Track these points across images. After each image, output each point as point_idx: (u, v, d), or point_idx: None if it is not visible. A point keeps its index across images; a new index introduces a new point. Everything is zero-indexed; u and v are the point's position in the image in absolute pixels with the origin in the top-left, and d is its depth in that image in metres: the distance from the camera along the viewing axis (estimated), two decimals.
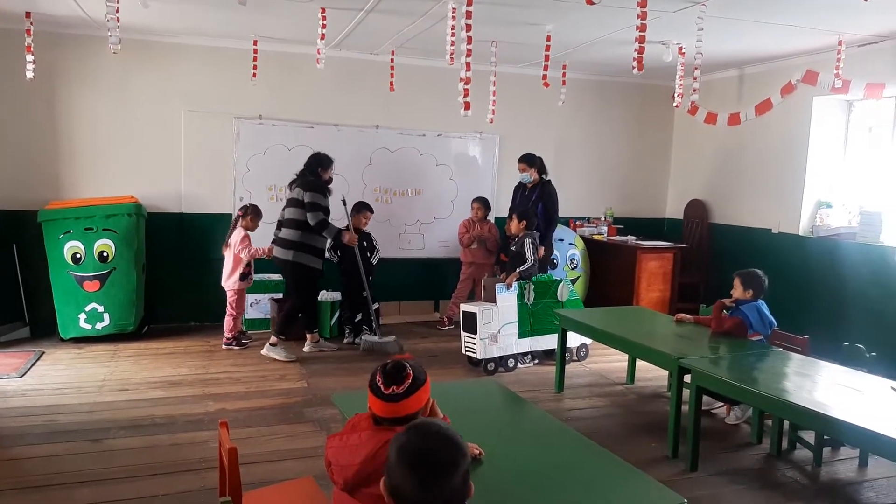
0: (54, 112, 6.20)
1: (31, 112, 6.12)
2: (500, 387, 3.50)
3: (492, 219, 7.08)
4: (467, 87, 4.44)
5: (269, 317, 6.58)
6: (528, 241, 5.81)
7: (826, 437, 3.99)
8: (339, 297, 6.48)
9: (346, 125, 7.00)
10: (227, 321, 6.02)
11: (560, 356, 5.17)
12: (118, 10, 4.27)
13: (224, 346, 5.99)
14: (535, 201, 6.36)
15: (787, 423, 4.16)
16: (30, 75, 5.46)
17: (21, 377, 5.05)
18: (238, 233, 5.90)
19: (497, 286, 5.63)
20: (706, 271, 7.52)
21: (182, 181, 6.56)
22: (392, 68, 6.36)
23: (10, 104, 6.04)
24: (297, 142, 6.84)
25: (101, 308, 5.92)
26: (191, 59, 6.49)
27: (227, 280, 5.97)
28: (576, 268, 7.26)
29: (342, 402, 3.00)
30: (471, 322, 5.56)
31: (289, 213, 5.69)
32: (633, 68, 4.25)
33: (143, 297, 6.20)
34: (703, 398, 3.94)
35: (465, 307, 5.67)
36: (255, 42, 6.05)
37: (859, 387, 3.46)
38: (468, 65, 4.42)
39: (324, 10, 4.99)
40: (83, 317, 5.90)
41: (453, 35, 4.51)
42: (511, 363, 5.72)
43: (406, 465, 1.44)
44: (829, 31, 5.26)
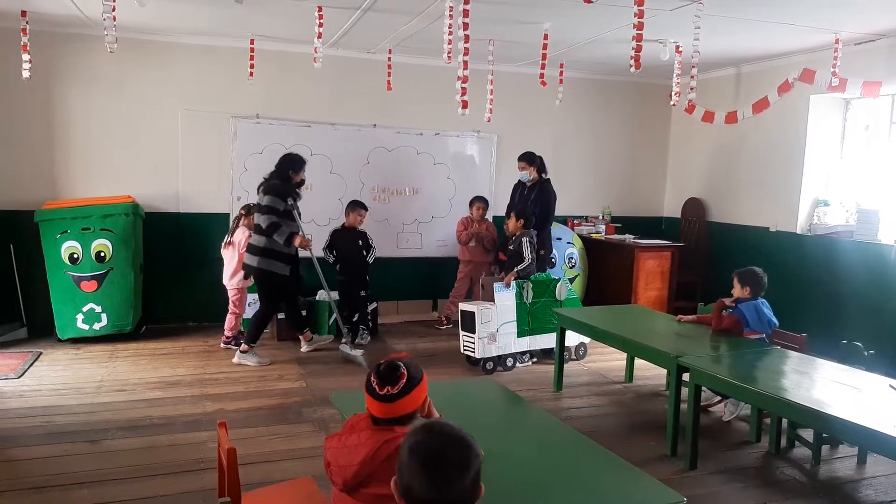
0: (51, 112, 6.18)
1: (28, 112, 6.10)
2: (499, 386, 3.50)
3: (490, 217, 7.08)
4: (465, 85, 4.44)
5: None
6: (525, 240, 5.81)
7: (824, 436, 3.99)
8: (337, 297, 6.47)
9: (343, 124, 6.99)
10: (230, 319, 6.01)
11: (559, 355, 5.17)
12: (114, 9, 4.26)
13: (223, 345, 5.98)
14: (534, 200, 6.35)
15: (785, 422, 4.17)
16: (26, 75, 5.46)
17: (19, 378, 5.03)
18: (241, 232, 5.88)
19: (495, 285, 5.63)
20: (704, 270, 7.52)
21: (179, 181, 6.54)
22: (389, 67, 6.35)
23: (7, 104, 6.02)
24: (294, 141, 6.82)
25: (98, 308, 5.91)
26: (188, 57, 6.47)
27: (231, 279, 5.96)
28: (574, 266, 7.26)
29: (340, 401, 3.00)
30: (469, 321, 5.55)
31: (256, 219, 5.56)
32: (631, 67, 4.24)
33: (140, 298, 6.18)
34: (703, 392, 3.94)
35: (463, 306, 5.66)
36: (252, 41, 6.04)
37: (857, 385, 3.46)
38: (465, 63, 4.42)
39: (321, 9, 4.98)
40: (81, 317, 5.89)
41: (451, 34, 4.50)
42: (510, 362, 5.72)
43: (419, 464, 1.43)
44: (826, 29, 5.26)
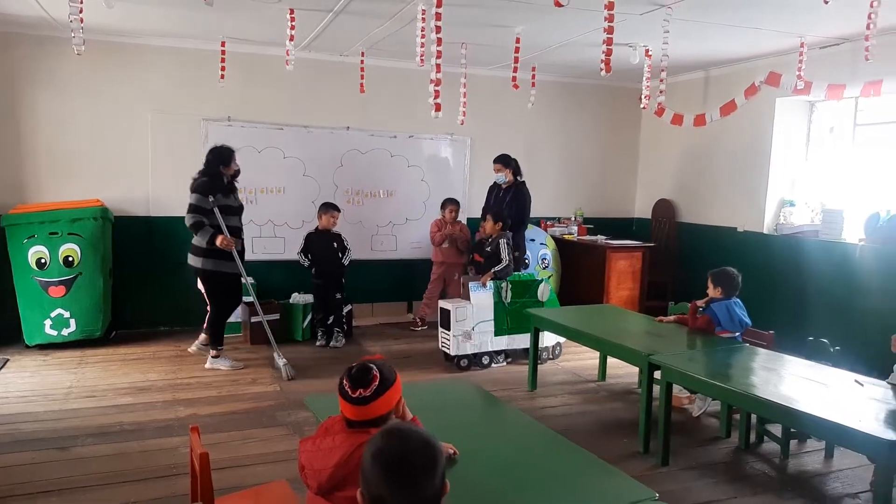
0: (17, 115, 6.06)
1: None
2: (474, 386, 3.52)
3: (463, 219, 7.10)
4: (438, 88, 4.45)
5: (240, 320, 6.51)
6: (503, 242, 5.87)
7: (793, 430, 4.08)
8: (311, 300, 6.44)
9: (316, 127, 6.97)
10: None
11: (533, 355, 5.21)
12: (81, 11, 4.20)
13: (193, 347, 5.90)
14: (510, 202, 6.39)
15: (754, 417, 4.24)
16: None
17: None
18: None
19: (471, 284, 5.70)
20: (674, 269, 7.63)
21: (150, 184, 6.46)
22: (362, 70, 6.35)
23: None
24: (266, 144, 6.79)
25: (66, 314, 5.81)
26: (157, 60, 6.40)
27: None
28: (547, 267, 7.32)
29: (315, 404, 2.99)
30: (445, 319, 5.64)
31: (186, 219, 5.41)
32: (602, 70, 4.29)
33: (110, 302, 6.10)
34: (675, 389, 4.00)
35: (441, 303, 5.76)
36: (223, 43, 5.99)
37: (824, 380, 3.54)
38: (438, 66, 4.44)
39: (292, 12, 4.96)
40: (49, 323, 5.79)
41: (423, 37, 4.52)
42: (486, 360, 5.77)
43: (385, 471, 1.42)
44: (792, 33, 5.38)
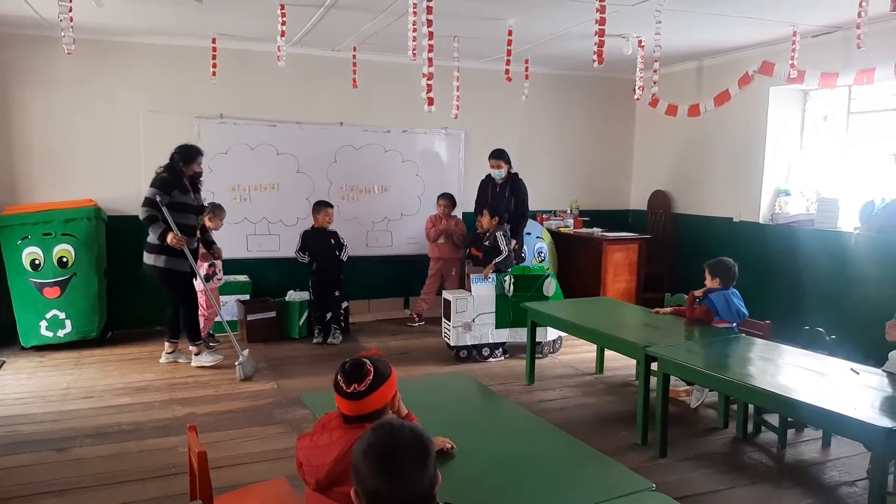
0: (8, 115, 6.03)
1: None
2: (472, 380, 3.52)
3: (458, 214, 7.09)
4: (430, 82, 4.44)
5: (236, 318, 6.50)
6: (500, 234, 5.92)
7: (790, 420, 4.09)
8: (307, 298, 6.43)
9: (309, 123, 6.95)
10: (201, 322, 5.93)
11: (530, 348, 5.22)
12: (71, 10, 4.17)
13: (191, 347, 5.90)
14: (509, 196, 6.41)
15: (752, 407, 4.25)
16: None
17: None
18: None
19: (472, 276, 5.74)
20: (670, 261, 7.64)
21: (143, 183, 6.36)
22: (354, 65, 6.32)
23: None
24: (259, 140, 6.77)
25: (62, 315, 5.80)
26: (148, 58, 6.37)
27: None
28: (543, 260, 7.32)
29: (312, 401, 2.99)
30: (447, 309, 5.72)
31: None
32: (594, 62, 4.28)
33: (105, 303, 6.08)
34: (673, 381, 4.01)
35: (445, 294, 5.84)
36: (214, 40, 5.96)
37: (821, 369, 3.55)
38: (430, 60, 4.42)
39: (283, 7, 4.93)
40: (44, 324, 5.77)
41: (415, 31, 4.50)
42: (485, 352, 5.80)
43: (378, 465, 1.42)
44: (784, 22, 5.37)
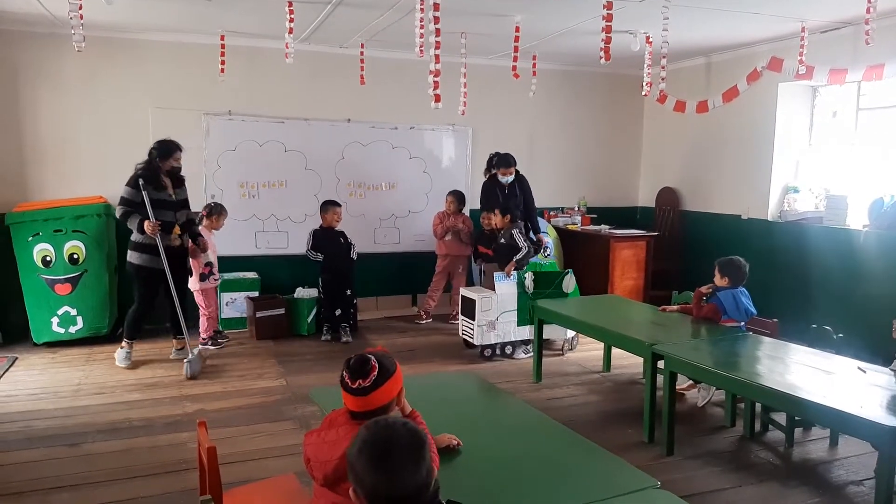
0: (19, 112, 6.08)
1: None
2: (478, 378, 3.53)
3: (466, 211, 7.10)
4: (437, 79, 4.44)
5: (244, 315, 6.54)
6: (515, 232, 5.93)
7: (797, 419, 4.09)
8: (316, 295, 6.46)
9: (316, 119, 6.97)
10: (201, 321, 5.98)
11: (537, 346, 5.22)
12: (81, 7, 4.21)
13: (200, 345, 5.94)
14: (520, 195, 6.48)
15: (759, 406, 4.25)
16: None
17: None
18: (202, 233, 5.84)
19: (496, 275, 5.74)
20: (679, 258, 7.62)
21: None
22: (362, 61, 6.34)
23: None
24: (267, 137, 6.80)
25: (73, 311, 5.85)
26: (157, 55, 6.40)
27: (190, 282, 5.90)
28: (548, 256, 7.31)
29: (320, 397, 3.01)
30: (470, 308, 5.70)
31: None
32: (601, 58, 4.28)
33: (116, 299, 6.12)
34: (680, 378, 4.01)
35: (465, 292, 5.84)
36: (223, 37, 5.99)
37: (828, 368, 3.54)
38: (437, 57, 4.42)
39: (291, 4, 4.95)
40: (56, 321, 5.82)
41: (422, 27, 4.51)
42: (508, 350, 5.83)
43: (375, 461, 1.44)
44: (792, 17, 5.35)
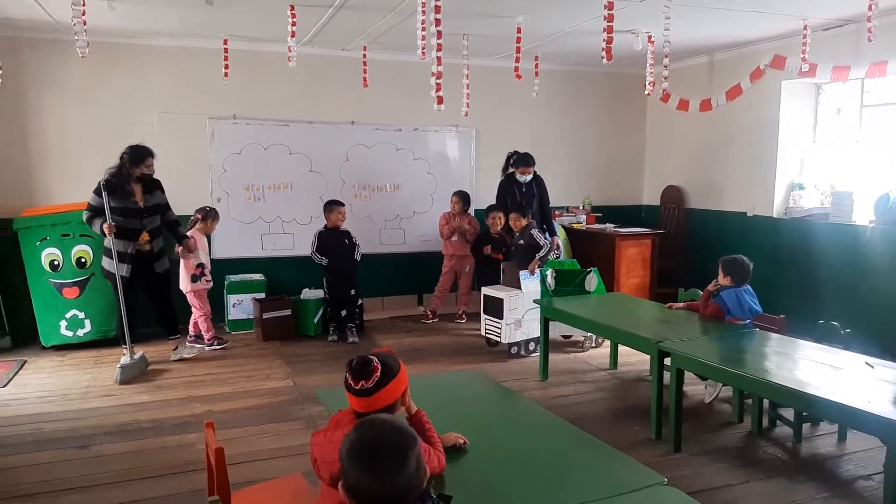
0: (24, 118, 6.13)
1: (1, 119, 6.05)
2: (484, 377, 3.54)
3: (471, 212, 7.11)
4: (439, 81, 4.45)
5: (251, 317, 6.56)
6: (534, 231, 6.01)
7: (805, 414, 4.08)
8: (322, 295, 6.48)
9: (320, 122, 6.99)
10: (200, 322, 6.01)
11: (544, 343, 5.23)
12: (84, 14, 4.23)
13: (206, 348, 5.97)
14: (537, 194, 6.55)
15: (766, 402, 4.24)
16: None
17: (4, 387, 5.00)
18: (193, 234, 5.90)
19: (521, 273, 5.80)
20: (684, 256, 7.62)
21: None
22: (365, 64, 6.35)
23: None
24: (272, 140, 6.83)
25: (81, 315, 5.89)
26: (161, 60, 6.44)
27: (181, 283, 5.95)
28: (558, 258, 7.30)
29: (327, 397, 3.02)
30: (497, 307, 5.77)
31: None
32: (603, 58, 4.28)
33: None
34: (688, 378, 4.01)
35: (489, 291, 5.89)
36: (225, 41, 6.01)
37: (835, 364, 3.53)
38: (439, 59, 4.43)
39: (293, 8, 4.97)
40: (64, 324, 5.86)
41: (424, 29, 4.52)
42: (532, 346, 5.87)
43: (358, 461, 1.46)
44: (795, 15, 5.35)
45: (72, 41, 4.63)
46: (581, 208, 8.05)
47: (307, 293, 6.56)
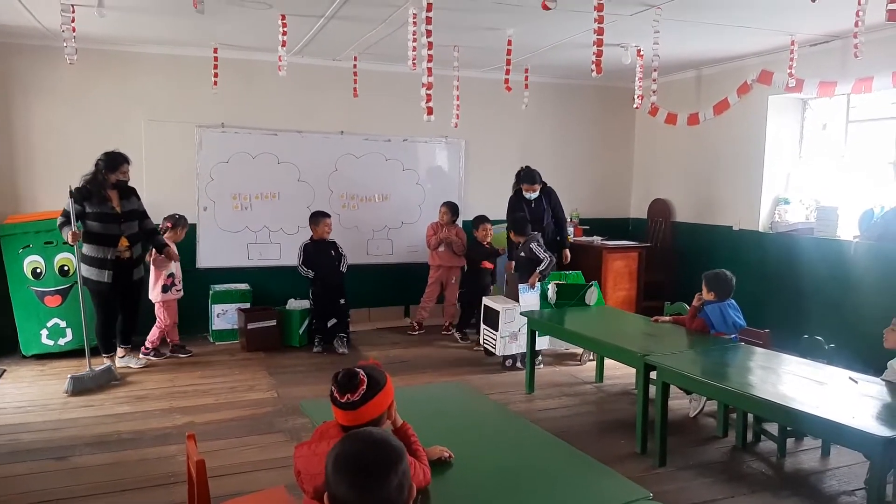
0: (11, 125, 6.07)
1: None
2: (470, 390, 3.52)
3: (459, 223, 7.11)
4: (429, 92, 4.46)
5: (236, 327, 6.51)
6: (534, 245, 5.99)
7: (789, 429, 4.09)
8: (308, 306, 6.44)
9: (310, 132, 6.98)
10: (168, 332, 5.95)
11: (530, 356, 5.22)
12: (73, 21, 4.21)
13: (142, 356, 5.86)
14: (547, 208, 6.60)
15: (751, 416, 4.25)
16: None
17: None
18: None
19: (520, 286, 5.79)
20: (671, 269, 7.64)
21: (144, 192, 6.38)
22: (355, 74, 6.35)
23: None
24: (260, 149, 6.80)
25: (63, 323, 5.81)
26: (150, 68, 6.41)
27: (151, 292, 5.89)
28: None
29: (311, 409, 2.99)
30: (493, 318, 5.77)
31: None
32: (593, 71, 4.31)
33: None
34: (673, 391, 4.01)
35: (488, 302, 5.91)
36: (216, 50, 5.99)
37: (820, 378, 3.55)
38: (430, 70, 4.44)
39: (284, 17, 4.97)
40: (45, 333, 5.79)
41: (415, 40, 4.53)
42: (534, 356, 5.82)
43: (342, 473, 1.45)
44: (782, 31, 5.40)
45: (60, 48, 4.61)
46: (569, 221, 8.05)
47: (293, 303, 6.52)
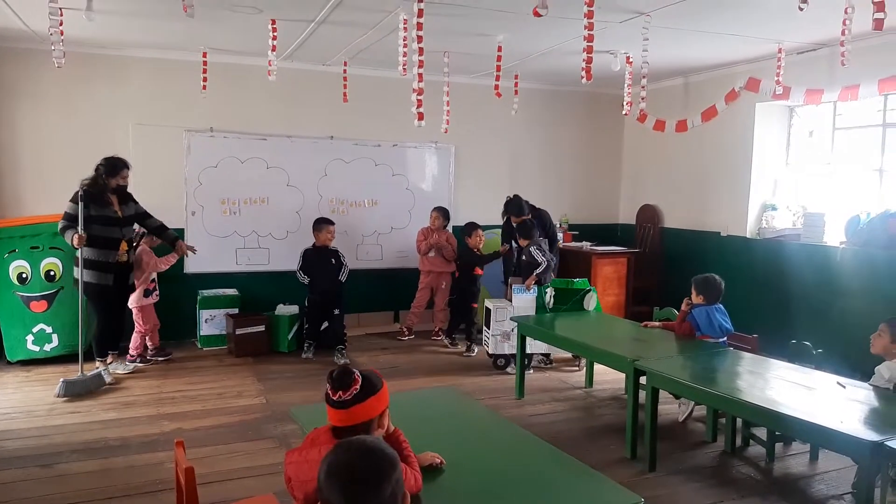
0: None
1: None
2: (460, 395, 3.52)
3: (450, 229, 7.11)
4: (420, 97, 4.47)
5: (224, 332, 6.47)
6: (534, 249, 5.99)
7: (778, 434, 4.11)
8: (296, 312, 6.41)
9: (299, 136, 6.96)
10: (137, 339, 5.89)
11: (520, 361, 5.22)
12: (62, 24, 4.19)
13: (149, 357, 5.89)
14: (540, 233, 6.48)
15: (740, 421, 4.27)
16: None
17: None
18: (142, 250, 5.82)
19: (514, 287, 5.82)
20: (659, 274, 7.68)
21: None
22: (345, 79, 6.35)
23: None
24: (249, 154, 6.78)
25: (49, 329, 5.76)
26: (139, 71, 6.38)
27: (132, 298, 5.81)
28: None
29: (301, 415, 2.98)
30: (487, 318, 5.86)
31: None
32: (582, 78, 4.32)
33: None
34: (662, 396, 4.02)
35: (486, 303, 5.97)
36: (205, 54, 5.97)
37: (807, 383, 3.57)
38: (420, 76, 4.45)
39: (274, 22, 4.96)
40: (31, 338, 5.73)
41: (405, 46, 4.54)
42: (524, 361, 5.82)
43: (334, 482, 1.44)
44: (770, 39, 5.45)
45: (48, 51, 4.57)
46: (558, 226, 8.08)
47: (281, 309, 6.49)
